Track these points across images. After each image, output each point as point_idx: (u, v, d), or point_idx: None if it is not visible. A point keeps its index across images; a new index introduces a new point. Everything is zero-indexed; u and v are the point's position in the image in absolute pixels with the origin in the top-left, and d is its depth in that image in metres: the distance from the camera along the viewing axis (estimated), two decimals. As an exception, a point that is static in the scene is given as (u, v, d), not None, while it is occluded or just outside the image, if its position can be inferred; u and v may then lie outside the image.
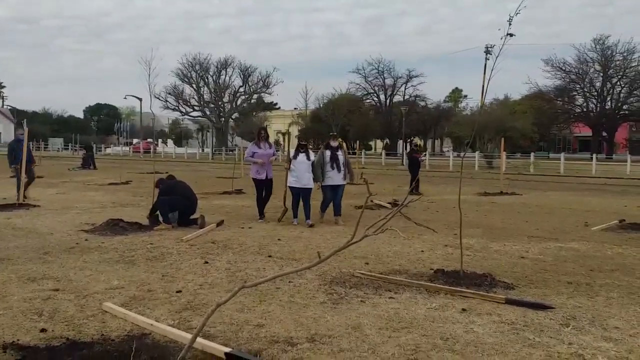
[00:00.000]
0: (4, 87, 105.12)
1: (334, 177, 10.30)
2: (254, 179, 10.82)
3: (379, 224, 2.76)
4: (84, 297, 5.29)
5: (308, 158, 10.23)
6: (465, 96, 77.95)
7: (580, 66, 58.35)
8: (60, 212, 11.58)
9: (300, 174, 10.13)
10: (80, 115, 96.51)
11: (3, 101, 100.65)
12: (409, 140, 45.55)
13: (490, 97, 53.91)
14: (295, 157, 10.22)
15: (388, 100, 63.46)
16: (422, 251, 7.68)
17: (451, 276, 6.07)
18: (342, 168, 10.30)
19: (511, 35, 5.46)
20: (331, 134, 11.10)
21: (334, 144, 10.52)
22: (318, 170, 10.18)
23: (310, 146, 11.33)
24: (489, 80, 5.95)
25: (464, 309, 5.01)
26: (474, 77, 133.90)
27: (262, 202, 10.86)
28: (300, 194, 10.20)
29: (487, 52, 45.06)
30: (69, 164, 34.47)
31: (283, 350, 3.99)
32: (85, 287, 5.67)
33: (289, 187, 10.39)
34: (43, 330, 4.36)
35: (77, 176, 24.41)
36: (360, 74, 62.80)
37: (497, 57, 5.78)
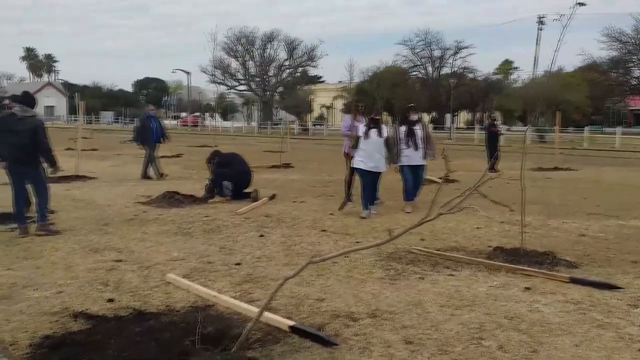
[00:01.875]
0: (57, 61, 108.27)
1: (412, 156, 8.83)
2: (346, 154, 9.47)
3: (454, 201, 2.69)
4: (146, 268, 5.42)
5: (380, 135, 8.40)
6: (516, 68, 75.65)
7: (638, 36, 55.61)
8: (116, 184, 11.90)
9: (370, 153, 8.29)
10: (130, 89, 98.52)
11: (55, 75, 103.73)
12: (487, 113, 44.36)
13: (542, 69, 52.21)
14: (366, 134, 8.33)
15: (435, 73, 62.23)
16: (478, 228, 7.54)
17: (511, 254, 5.94)
18: (420, 145, 8.83)
19: (582, 4, 5.19)
20: (410, 105, 9.32)
21: (413, 117, 9.05)
22: (393, 150, 8.65)
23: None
24: (556, 51, 5.69)
25: (527, 288, 4.90)
26: (524, 49, 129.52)
27: (352, 182, 9.41)
28: (369, 178, 8.49)
29: (540, 22, 43.45)
30: (120, 137, 35.29)
31: (345, 325, 3.99)
32: (147, 258, 5.81)
33: (357, 169, 8.56)
34: (110, 300, 4.49)
35: (128, 149, 24.98)
36: (407, 45, 61.70)
37: (564, 28, 5.52)
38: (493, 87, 59.87)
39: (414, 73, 64.46)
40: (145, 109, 14.27)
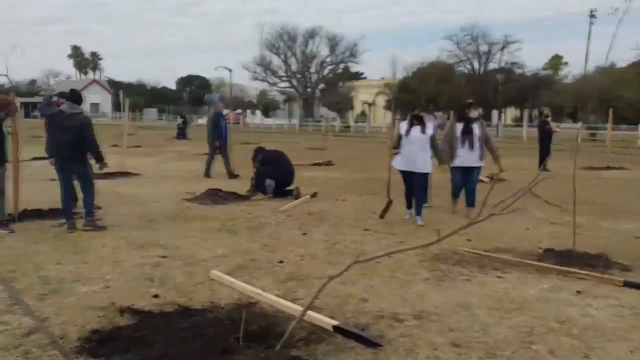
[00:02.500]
0: (102, 59, 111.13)
1: (466, 157, 8.07)
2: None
3: (506, 202, 2.59)
4: (191, 265, 5.47)
5: (424, 132, 7.71)
6: (566, 63, 73.64)
7: (695, 30, 53.23)
8: (160, 180, 12.10)
9: (413, 153, 7.62)
10: (173, 86, 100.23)
11: (101, 73, 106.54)
12: (539, 109, 43.32)
13: (594, 64, 50.59)
14: (408, 132, 7.73)
15: (482, 68, 61.11)
16: (527, 229, 7.33)
17: (562, 256, 5.75)
18: (477, 146, 8.04)
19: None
20: (468, 101, 8.55)
21: (472, 114, 8.25)
22: (446, 148, 8.03)
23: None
24: (610, 46, 5.46)
25: (578, 291, 4.73)
26: (575, 43, 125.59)
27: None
28: (412, 181, 7.81)
29: (592, 16, 42.14)
30: (164, 134, 36.00)
31: (390, 326, 3.92)
32: (192, 254, 5.87)
33: (399, 170, 7.89)
34: (156, 295, 4.54)
35: (172, 146, 25.44)
36: (452, 40, 60.74)
37: (619, 22, 5.28)
38: (542, 83, 58.35)
39: (460, 68, 63.38)
40: (216, 107, 13.86)
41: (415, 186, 7.71)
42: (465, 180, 8.19)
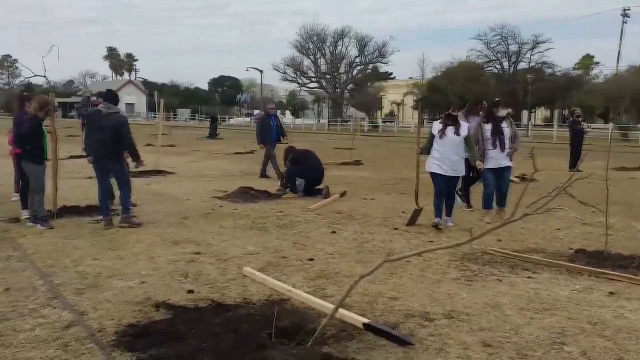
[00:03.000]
0: (136, 60, 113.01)
1: (497, 158, 7.66)
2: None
3: (540, 202, 2.60)
4: (223, 261, 5.58)
5: (458, 133, 7.31)
6: (597, 63, 72.07)
7: None
8: (193, 179, 12.30)
9: (446, 155, 7.25)
10: (205, 87, 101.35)
11: (136, 73, 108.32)
12: (570, 109, 42.59)
13: (626, 64, 49.44)
14: (442, 132, 7.31)
15: (512, 68, 60.28)
16: (559, 229, 7.25)
17: (594, 257, 5.68)
18: (507, 145, 7.66)
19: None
20: (496, 99, 8.06)
21: (501, 113, 7.77)
22: (474, 148, 7.55)
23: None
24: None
25: (611, 293, 4.68)
26: (607, 42, 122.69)
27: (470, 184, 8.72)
28: (445, 184, 7.42)
29: (625, 15, 41.21)
30: (197, 133, 36.45)
31: (420, 324, 3.95)
32: (224, 251, 5.98)
33: (430, 173, 7.48)
34: (190, 291, 4.64)
35: (204, 145, 25.76)
36: (481, 40, 60.07)
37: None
38: (573, 83, 57.32)
39: (489, 68, 62.68)
40: (266, 107, 13.57)
41: (447, 189, 7.37)
42: (497, 182, 7.79)
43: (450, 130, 7.27)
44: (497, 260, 5.71)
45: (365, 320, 3.85)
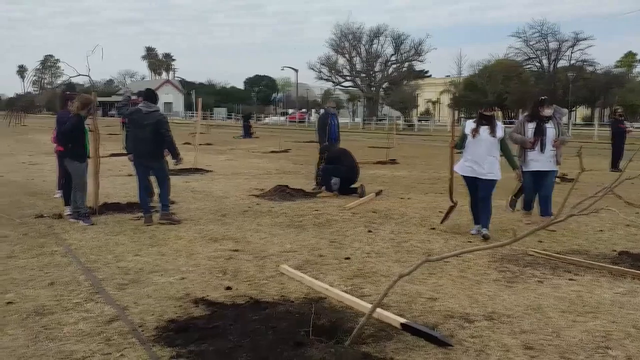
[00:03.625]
0: (174, 60, 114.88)
1: (538, 160, 7.19)
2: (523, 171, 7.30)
3: (585, 203, 2.53)
4: (261, 259, 5.62)
5: (493, 134, 6.74)
6: (640, 61, 69.99)
7: None
8: (230, 177, 12.42)
9: (479, 157, 6.68)
10: (241, 86, 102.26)
11: (174, 73, 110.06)
12: (612, 108, 41.52)
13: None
14: (475, 132, 6.75)
15: (551, 66, 59.00)
16: (601, 230, 7.07)
17: (638, 259, 5.52)
18: (549, 147, 7.16)
19: None
20: (541, 98, 7.48)
21: (546, 112, 7.22)
22: (510, 153, 6.89)
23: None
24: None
25: (658, 297, 4.54)
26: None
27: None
28: (478, 188, 6.82)
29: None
30: (233, 132, 36.80)
31: (460, 326, 3.90)
32: (262, 249, 6.02)
33: (462, 176, 6.95)
34: (228, 288, 4.69)
35: (241, 144, 25.99)
36: (520, 37, 58.96)
37: None
38: (615, 81, 55.82)
39: (528, 66, 61.49)
40: (326, 106, 13.27)
41: (481, 193, 6.73)
42: (538, 187, 7.31)
43: (484, 130, 6.69)
44: (539, 261, 5.60)
45: (404, 321, 3.83)
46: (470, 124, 6.91)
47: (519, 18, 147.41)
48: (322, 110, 18.90)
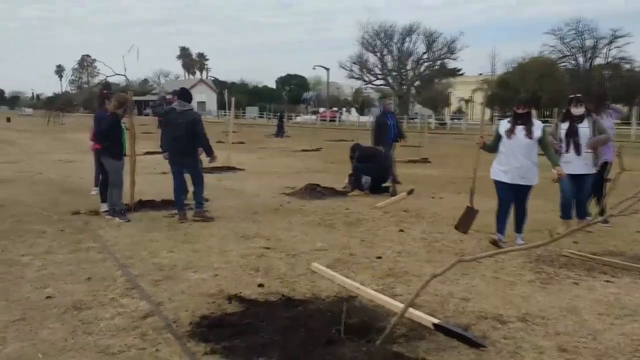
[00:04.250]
0: (208, 59, 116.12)
1: (573, 162, 6.69)
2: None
3: (624, 203, 2.47)
4: (292, 257, 5.65)
5: (530, 135, 6.02)
6: (680, 57, 67.79)
7: None
8: (262, 175, 12.52)
9: (515, 160, 6.03)
10: (273, 85, 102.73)
11: (207, 72, 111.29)
12: None
13: None
14: (510, 132, 6.09)
15: (587, 64, 57.71)
16: (638, 232, 6.89)
17: (678, 262, 5.36)
18: (583, 149, 6.67)
19: None
20: (570, 96, 7.06)
21: (575, 111, 6.81)
22: (551, 151, 6.22)
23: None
24: None
25: (698, 300, 4.41)
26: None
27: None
28: (512, 195, 6.20)
29: None
30: (264, 131, 37.05)
31: (493, 327, 3.86)
32: (293, 247, 6.05)
33: (494, 181, 6.29)
34: (260, 285, 4.73)
35: (272, 143, 26.15)
36: (555, 35, 57.84)
37: None
38: (653, 79, 54.19)
39: (563, 64, 60.28)
40: (382, 104, 12.92)
41: (516, 200, 6.19)
42: (576, 190, 6.88)
43: (520, 130, 6.04)
44: (574, 262, 5.49)
45: (436, 321, 3.80)
46: (504, 124, 6.27)
47: (555, 15, 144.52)
48: (373, 109, 18.48)
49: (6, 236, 6.37)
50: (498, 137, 6.26)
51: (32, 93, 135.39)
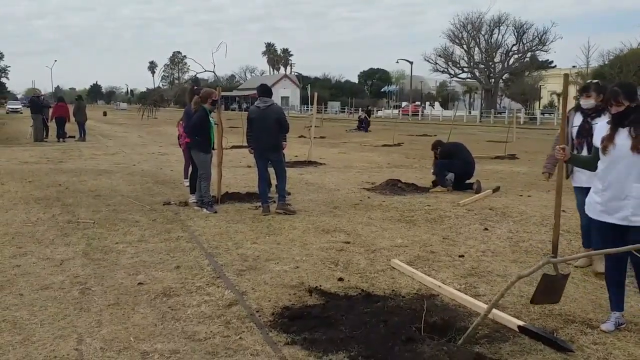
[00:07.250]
0: (292, 55, 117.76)
1: (586, 173, 4.68)
2: None
3: None
4: (372, 252, 5.66)
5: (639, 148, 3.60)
6: None
7: None
8: (342, 170, 12.57)
9: (618, 186, 3.67)
10: (355, 79, 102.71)
11: (291, 67, 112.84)
12: None
13: None
14: (609, 141, 3.69)
15: (695, 54, 53.49)
16: None
17: None
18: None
19: None
20: (586, 83, 5.46)
21: (585, 104, 5.16)
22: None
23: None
24: None
25: None
26: None
27: None
28: (619, 241, 3.59)
29: None
30: (346, 125, 37.16)
31: (582, 331, 3.70)
32: (373, 242, 6.06)
33: (589, 218, 4.00)
34: (340, 279, 4.78)
35: (353, 137, 26.18)
36: (658, 24, 53.99)
37: None
38: None
39: (667, 55, 56.14)
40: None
41: (632, 258, 3.74)
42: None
43: (623, 138, 3.68)
44: (674, 268, 5.13)
45: (521, 323, 3.69)
46: (602, 128, 3.88)
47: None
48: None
49: (102, 224, 6.79)
50: (596, 152, 3.88)
51: (127, 88, 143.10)
